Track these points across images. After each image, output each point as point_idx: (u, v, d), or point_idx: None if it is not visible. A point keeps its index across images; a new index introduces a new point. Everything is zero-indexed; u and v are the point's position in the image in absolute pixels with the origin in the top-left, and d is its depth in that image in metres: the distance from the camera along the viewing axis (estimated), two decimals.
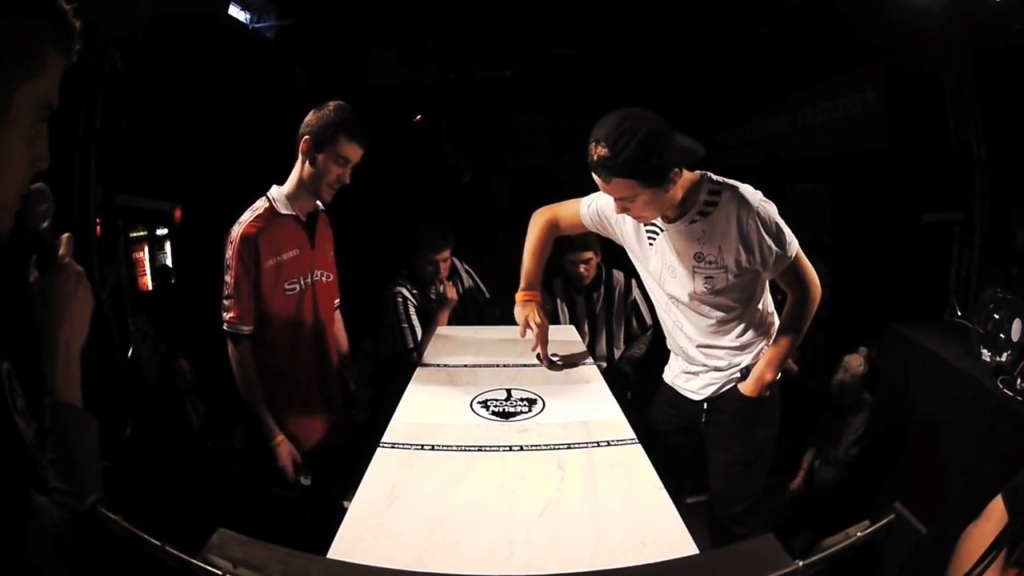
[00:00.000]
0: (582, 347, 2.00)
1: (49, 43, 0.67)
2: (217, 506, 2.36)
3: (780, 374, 1.67)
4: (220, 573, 0.69)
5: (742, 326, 1.64)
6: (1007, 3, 2.58)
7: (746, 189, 1.50)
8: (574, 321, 2.78)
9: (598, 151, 1.34)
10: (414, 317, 2.52)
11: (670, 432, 1.83)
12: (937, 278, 3.48)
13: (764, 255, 1.48)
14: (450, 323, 2.57)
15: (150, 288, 5.21)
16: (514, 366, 1.77)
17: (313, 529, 1.90)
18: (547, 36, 5.03)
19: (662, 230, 1.58)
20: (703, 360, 1.71)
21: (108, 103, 2.92)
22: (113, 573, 0.73)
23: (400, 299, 2.53)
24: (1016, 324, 1.83)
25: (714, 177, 1.52)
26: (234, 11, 4.38)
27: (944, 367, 2.01)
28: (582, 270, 2.76)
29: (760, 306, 1.64)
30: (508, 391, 1.56)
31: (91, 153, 2.93)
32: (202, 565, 0.69)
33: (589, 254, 2.75)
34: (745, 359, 1.68)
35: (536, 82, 5.59)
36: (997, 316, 1.91)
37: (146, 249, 5.25)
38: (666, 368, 1.89)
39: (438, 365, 1.81)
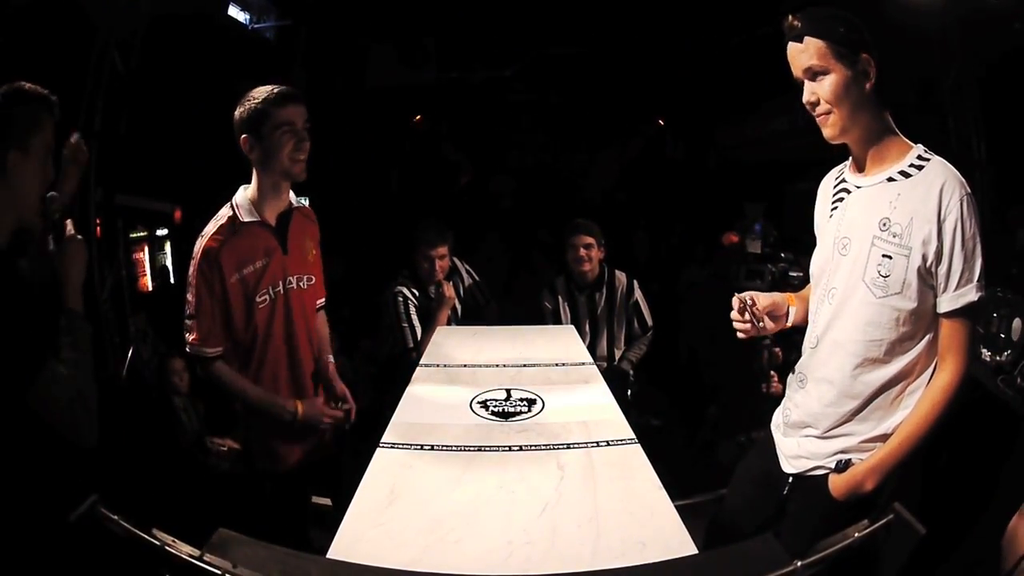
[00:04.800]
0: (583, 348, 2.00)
1: (45, 114, 1.19)
2: (217, 506, 2.36)
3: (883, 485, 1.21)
4: (220, 573, 0.69)
5: (889, 375, 1.22)
6: (1007, 3, 2.58)
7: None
8: (575, 321, 2.78)
9: (790, 20, 1.25)
10: (414, 317, 2.52)
11: (749, 482, 1.49)
12: None
13: (951, 265, 1.15)
14: (450, 323, 2.57)
15: (150, 288, 5.21)
16: (514, 366, 1.77)
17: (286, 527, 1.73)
18: (547, 36, 5.03)
19: (853, 190, 1.30)
20: (818, 410, 1.29)
21: (108, 103, 2.92)
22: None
23: (401, 299, 2.53)
24: (1016, 324, 1.84)
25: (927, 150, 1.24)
26: (233, 11, 4.38)
27: None
28: (582, 253, 2.75)
29: (917, 354, 1.21)
30: (508, 391, 1.56)
31: (91, 153, 2.93)
32: (202, 565, 0.69)
33: (589, 239, 2.75)
34: (855, 438, 1.25)
35: (536, 82, 5.59)
36: (997, 316, 1.91)
37: (146, 249, 5.25)
38: (778, 409, 1.46)
39: (438, 365, 1.81)
